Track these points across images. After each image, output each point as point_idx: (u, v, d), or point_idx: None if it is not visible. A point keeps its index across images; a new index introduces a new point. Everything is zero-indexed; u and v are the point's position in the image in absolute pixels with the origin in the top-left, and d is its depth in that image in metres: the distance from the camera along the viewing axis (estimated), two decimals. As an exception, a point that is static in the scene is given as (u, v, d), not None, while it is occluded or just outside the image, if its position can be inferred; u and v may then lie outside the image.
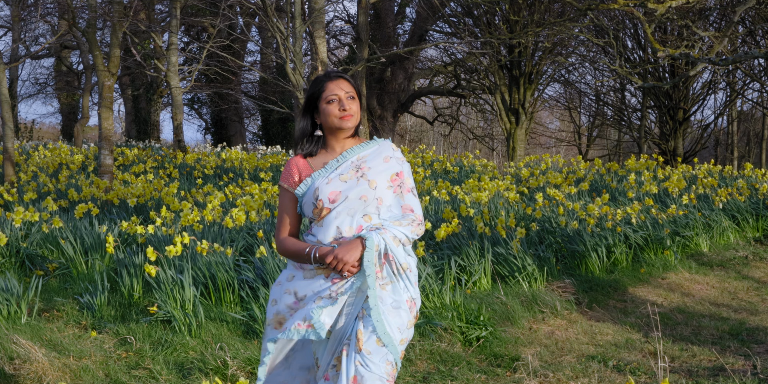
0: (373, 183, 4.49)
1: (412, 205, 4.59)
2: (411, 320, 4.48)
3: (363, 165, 4.55)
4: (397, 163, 4.62)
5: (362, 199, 4.46)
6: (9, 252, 10.46)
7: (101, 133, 16.30)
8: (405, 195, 4.59)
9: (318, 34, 17.33)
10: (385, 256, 4.41)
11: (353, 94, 4.62)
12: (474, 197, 13.00)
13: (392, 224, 4.46)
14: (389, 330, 4.37)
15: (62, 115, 40.95)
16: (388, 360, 4.37)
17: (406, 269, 4.48)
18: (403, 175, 4.61)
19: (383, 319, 4.38)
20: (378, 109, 30.76)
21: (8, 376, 6.69)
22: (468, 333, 8.40)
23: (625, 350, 8.34)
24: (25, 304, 8.16)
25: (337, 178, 4.51)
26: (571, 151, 51.78)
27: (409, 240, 4.50)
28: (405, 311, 4.45)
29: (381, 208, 4.50)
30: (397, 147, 4.76)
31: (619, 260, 11.63)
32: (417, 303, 4.54)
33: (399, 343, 4.40)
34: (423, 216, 4.49)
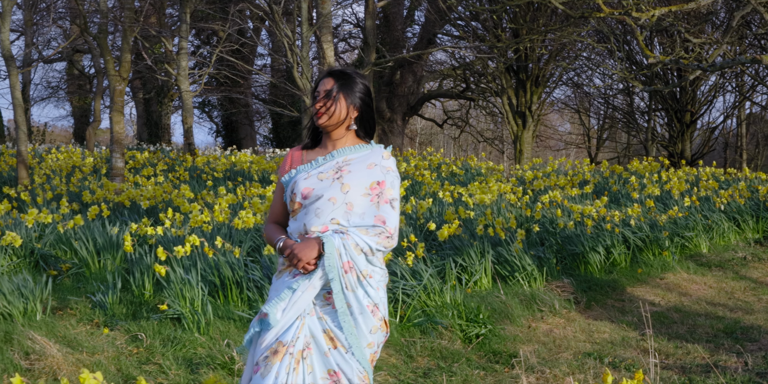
0: (346, 187, 4.42)
1: (386, 217, 4.44)
2: (376, 325, 4.40)
3: (345, 167, 4.49)
4: (380, 172, 4.50)
5: (331, 200, 4.40)
6: (24, 252, 10.75)
7: (113, 137, 16.57)
8: (381, 205, 4.46)
9: (325, 38, 17.57)
10: (345, 264, 4.33)
11: (330, 92, 4.54)
12: (477, 199, 13.21)
13: (357, 232, 4.37)
14: (356, 332, 4.33)
15: (74, 119, 41.11)
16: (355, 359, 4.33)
17: (367, 276, 4.40)
18: (384, 185, 4.49)
19: (350, 321, 4.34)
20: (387, 112, 30.91)
21: (24, 371, 6.95)
22: (468, 330, 8.64)
23: (621, 348, 8.56)
24: (40, 302, 8.43)
25: (316, 176, 4.47)
26: (581, 154, 51.83)
27: (373, 251, 4.39)
28: (368, 316, 4.36)
29: (350, 214, 4.42)
30: (391, 156, 4.64)
31: (618, 261, 11.84)
32: (381, 308, 4.45)
33: (367, 346, 4.37)
34: (397, 230, 4.44)
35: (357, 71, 4.65)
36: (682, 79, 14.69)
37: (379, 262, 4.49)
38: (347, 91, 4.54)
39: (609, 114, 36.43)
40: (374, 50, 23.08)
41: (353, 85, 4.57)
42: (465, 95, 32.53)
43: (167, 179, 17.84)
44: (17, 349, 7.37)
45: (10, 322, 8.05)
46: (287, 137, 37.33)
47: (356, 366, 4.33)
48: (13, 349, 7.37)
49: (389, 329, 4.63)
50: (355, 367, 4.32)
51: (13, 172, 19.65)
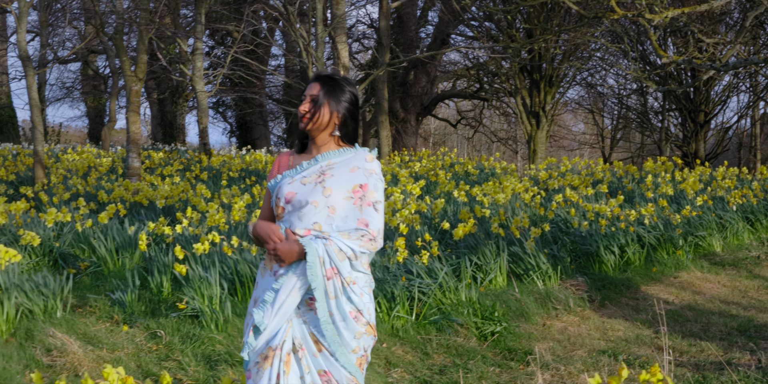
0: (327, 190, 4.43)
1: (369, 220, 4.44)
2: (360, 330, 4.40)
3: (328, 171, 4.50)
4: (363, 175, 4.50)
5: (313, 204, 4.41)
6: (43, 251, 10.87)
7: (129, 137, 16.68)
8: (364, 208, 4.45)
9: (340, 39, 17.66)
10: (328, 270, 4.34)
11: (316, 98, 4.56)
12: (492, 199, 13.28)
13: (339, 236, 4.38)
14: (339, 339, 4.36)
15: (89, 119, 41.26)
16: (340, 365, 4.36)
17: (350, 283, 4.40)
18: (367, 188, 4.48)
19: (332, 329, 4.35)
20: (401, 113, 30.97)
21: (45, 367, 7.06)
22: (483, 328, 8.73)
23: (636, 345, 8.63)
24: (60, 300, 8.53)
25: (299, 181, 4.49)
26: (595, 154, 51.79)
27: (356, 255, 4.39)
28: (351, 322, 4.37)
29: (334, 218, 4.43)
30: (375, 159, 4.65)
31: (632, 260, 11.90)
32: (364, 314, 4.44)
33: (352, 352, 4.38)
34: (381, 232, 4.47)
35: (345, 77, 4.68)
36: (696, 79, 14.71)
37: (362, 268, 4.48)
38: (332, 98, 4.56)
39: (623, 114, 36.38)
40: (388, 51, 23.17)
41: (339, 92, 4.58)
42: (479, 95, 32.55)
43: (184, 179, 17.95)
44: (39, 346, 7.48)
45: (31, 319, 8.16)
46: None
47: (343, 371, 4.36)
48: (35, 346, 7.48)
49: (376, 333, 4.57)
50: (342, 371, 4.36)
51: (30, 172, 19.77)
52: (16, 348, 7.40)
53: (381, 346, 8.24)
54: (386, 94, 25.70)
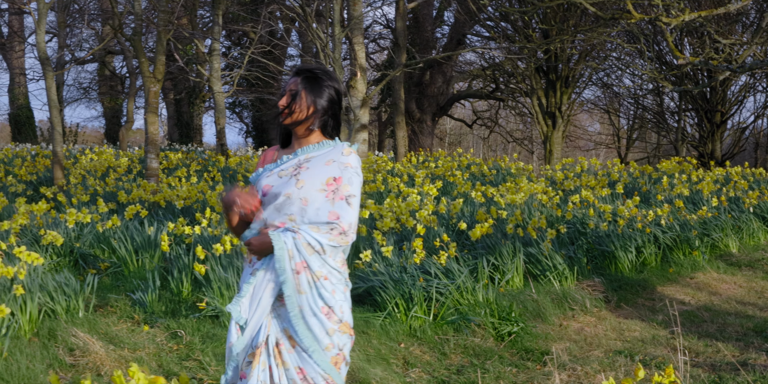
0: (300, 182, 4.44)
1: (340, 213, 4.40)
2: (333, 327, 4.41)
3: (304, 164, 4.52)
4: (338, 168, 4.50)
5: (286, 196, 4.42)
6: (64, 251, 10.98)
7: (148, 138, 16.78)
8: (336, 202, 4.42)
9: (357, 40, 17.71)
10: (298, 264, 4.35)
11: (295, 92, 4.57)
12: (509, 199, 13.34)
13: (308, 229, 4.38)
14: (311, 335, 4.37)
15: (105, 119, 41.41)
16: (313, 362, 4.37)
17: (320, 277, 4.40)
18: (341, 181, 4.47)
19: (302, 323, 4.36)
20: (417, 113, 31.02)
21: (68, 366, 7.15)
22: (500, 328, 8.79)
23: (652, 346, 8.67)
24: (82, 300, 8.63)
25: (277, 174, 4.53)
26: (611, 154, 51.76)
27: (324, 248, 4.38)
28: (322, 319, 4.38)
29: (307, 210, 4.41)
30: (353, 153, 4.62)
31: (648, 260, 11.94)
32: (336, 311, 4.44)
33: (325, 349, 4.38)
34: (353, 226, 4.42)
35: (327, 71, 4.69)
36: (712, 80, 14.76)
37: (335, 264, 4.48)
38: (311, 92, 4.58)
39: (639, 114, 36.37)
40: (405, 51, 23.22)
41: (318, 86, 4.60)
42: (494, 95, 32.58)
43: (201, 179, 18.04)
44: (61, 345, 7.57)
45: (54, 319, 8.26)
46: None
47: (317, 368, 4.37)
48: (58, 345, 7.58)
49: (353, 333, 4.56)
50: (316, 368, 4.37)
51: (49, 173, 19.90)
52: (39, 347, 7.50)
53: (399, 346, 8.32)
54: (403, 95, 25.76)
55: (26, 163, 21.52)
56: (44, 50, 18.19)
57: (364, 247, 10.90)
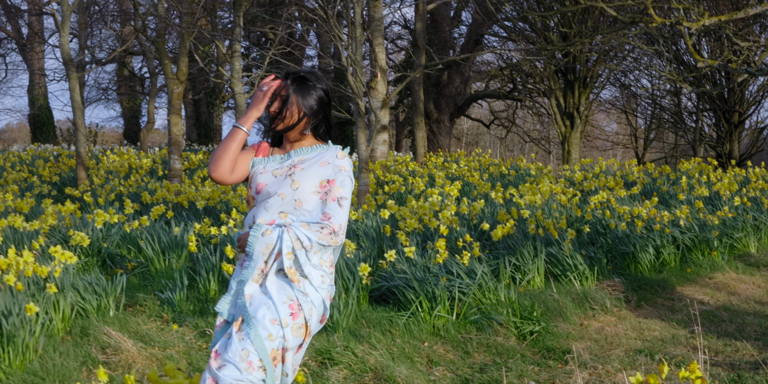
0: (296, 184, 4.49)
1: (332, 214, 4.46)
2: (287, 320, 4.38)
3: (299, 165, 4.56)
4: (332, 170, 4.56)
5: (280, 196, 4.47)
6: (92, 252, 11.17)
7: (171, 139, 16.98)
8: (329, 203, 4.49)
9: (377, 41, 17.86)
10: (276, 254, 4.41)
11: (285, 97, 4.60)
12: (528, 200, 13.46)
13: (299, 226, 4.43)
14: (254, 322, 4.36)
15: (124, 119, 41.60)
16: (245, 349, 4.32)
17: (287, 276, 4.44)
18: (334, 183, 4.53)
19: (249, 310, 4.37)
20: (435, 113, 31.10)
21: (101, 364, 7.32)
22: (522, 328, 8.92)
23: (671, 345, 8.79)
24: (112, 299, 8.81)
25: (271, 172, 4.55)
26: (628, 154, 51.66)
27: (312, 245, 4.41)
28: (284, 309, 4.39)
29: (300, 210, 4.48)
30: (346, 156, 4.69)
31: (668, 261, 12.05)
32: (305, 310, 4.45)
33: (267, 337, 4.34)
34: (343, 227, 4.46)
35: (316, 74, 4.72)
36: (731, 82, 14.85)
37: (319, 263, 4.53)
38: (302, 96, 4.61)
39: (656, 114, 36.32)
40: (424, 52, 23.34)
41: (309, 90, 4.63)
42: (512, 96, 32.64)
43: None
44: (94, 344, 7.75)
45: (85, 318, 8.44)
46: (335, 137, 37.51)
47: (251, 348, 4.31)
48: (90, 344, 7.75)
49: (305, 336, 4.50)
50: (250, 348, 4.31)
51: (72, 173, 20.11)
52: (72, 346, 7.68)
53: (422, 344, 8.46)
54: (422, 96, 25.88)
55: (49, 163, 21.75)
56: (68, 52, 18.40)
57: (388, 247, 11.05)
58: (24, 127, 60.99)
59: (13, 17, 36.95)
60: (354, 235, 11.66)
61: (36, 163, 22.45)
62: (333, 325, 8.57)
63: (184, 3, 17.41)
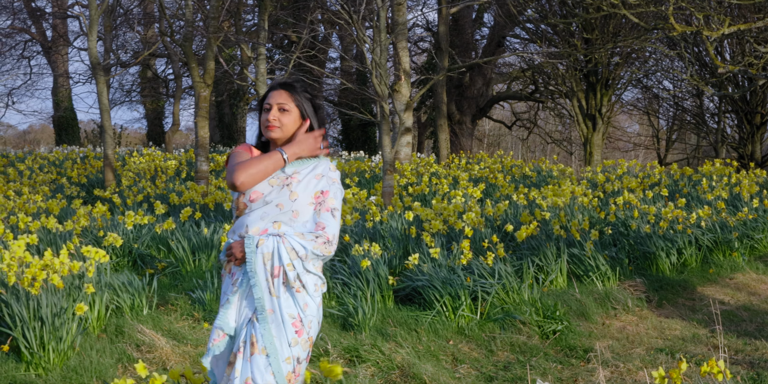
0: (294, 195, 4.52)
1: (326, 224, 4.53)
2: (296, 338, 4.44)
3: (294, 176, 4.57)
4: (326, 183, 4.62)
5: (278, 206, 4.49)
6: (123, 252, 11.42)
7: (197, 141, 17.20)
8: (322, 213, 4.55)
9: (401, 45, 18.06)
10: (276, 268, 4.42)
11: (287, 107, 4.61)
12: (551, 201, 13.61)
13: (294, 236, 4.46)
14: (276, 343, 4.39)
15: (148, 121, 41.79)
16: (270, 371, 4.36)
17: (293, 287, 4.47)
18: (328, 195, 4.60)
19: (271, 329, 4.40)
20: (457, 114, 31.22)
21: (135, 360, 7.54)
22: (545, 327, 9.10)
23: (692, 344, 8.94)
24: (145, 299, 9.04)
25: (266, 181, 4.52)
26: (651, 155, 51.59)
27: (309, 255, 4.45)
28: (288, 327, 4.43)
29: (295, 221, 4.51)
30: (335, 168, 4.74)
31: (689, 261, 12.18)
32: (305, 322, 4.50)
33: (285, 360, 4.40)
34: (336, 237, 4.52)
35: (304, 83, 4.78)
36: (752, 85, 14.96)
37: (315, 269, 4.57)
38: (299, 106, 4.65)
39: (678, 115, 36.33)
40: (447, 55, 23.49)
41: (303, 100, 4.67)
42: (534, 97, 32.73)
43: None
44: (128, 341, 7.99)
45: (120, 316, 8.67)
46: (357, 139, 37.69)
47: (270, 379, 4.36)
48: (125, 341, 7.99)
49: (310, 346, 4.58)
50: (268, 379, 4.36)
51: (100, 175, 20.38)
52: (107, 343, 7.91)
53: (447, 343, 8.66)
54: (444, 98, 26.05)
55: (77, 165, 22.02)
56: (96, 55, 18.65)
57: (413, 248, 11.24)
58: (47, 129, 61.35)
59: (38, 20, 37.24)
60: (379, 236, 11.86)
61: (65, 164, 22.72)
62: (359, 324, 8.78)
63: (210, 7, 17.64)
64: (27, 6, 35.88)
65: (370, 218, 12.55)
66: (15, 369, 7.24)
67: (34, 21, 37.14)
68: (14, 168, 22.04)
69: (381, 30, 15.32)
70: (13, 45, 37.35)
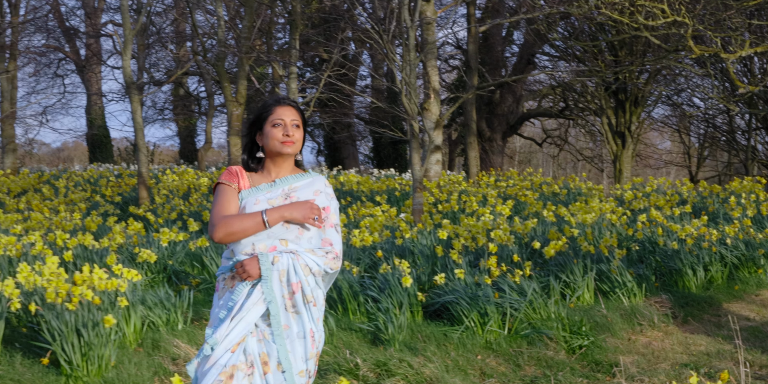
0: None
1: (332, 240, 4.61)
2: (313, 352, 4.51)
3: (293, 194, 4.61)
4: (325, 199, 4.68)
5: (284, 226, 4.50)
6: (158, 269, 11.66)
7: (231, 159, 17.48)
8: (327, 229, 4.61)
9: (430, 63, 18.27)
10: (294, 284, 4.44)
11: (298, 123, 4.68)
12: (580, 218, 13.75)
13: (305, 252, 4.50)
14: (291, 357, 4.42)
15: (180, 139, 42.14)
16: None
17: (310, 301, 4.49)
18: (329, 210, 4.66)
19: (286, 344, 4.42)
20: (487, 132, 31.34)
21: (171, 373, 7.76)
22: (571, 342, 9.26)
23: (717, 359, 9.07)
24: (180, 314, 9.27)
25: (266, 202, 4.56)
26: (682, 172, 51.52)
27: (321, 271, 4.52)
28: (308, 342, 4.47)
29: (301, 238, 4.54)
30: (329, 184, 4.81)
31: (715, 278, 12.28)
32: (316, 337, 4.55)
33: (299, 373, 4.44)
34: (342, 252, 4.63)
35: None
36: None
37: (323, 286, 4.65)
38: (303, 123, 4.73)
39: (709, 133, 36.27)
40: (476, 74, 23.68)
41: (303, 117, 4.75)
42: (564, 114, 32.79)
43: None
44: (164, 355, 8.21)
45: (156, 331, 8.90)
46: (388, 156, 37.81)
47: None
48: (161, 355, 8.22)
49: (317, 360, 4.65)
50: None
51: (134, 192, 20.68)
52: (144, 357, 8.14)
53: (475, 357, 8.82)
54: (474, 116, 26.20)
55: (111, 183, 22.34)
56: (130, 74, 18.97)
57: (442, 265, 11.43)
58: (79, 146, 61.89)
59: (72, 39, 37.70)
60: (409, 253, 12.04)
61: (99, 182, 23.05)
62: (389, 339, 8.97)
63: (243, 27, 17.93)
64: (61, 25, 36.35)
65: (399, 235, 12.74)
66: (55, 381, 7.48)
67: (68, 40, 37.60)
68: (50, 185, 22.39)
69: (410, 49, 15.53)
70: (47, 64, 37.80)
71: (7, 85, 28.64)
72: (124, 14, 19.07)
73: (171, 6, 30.65)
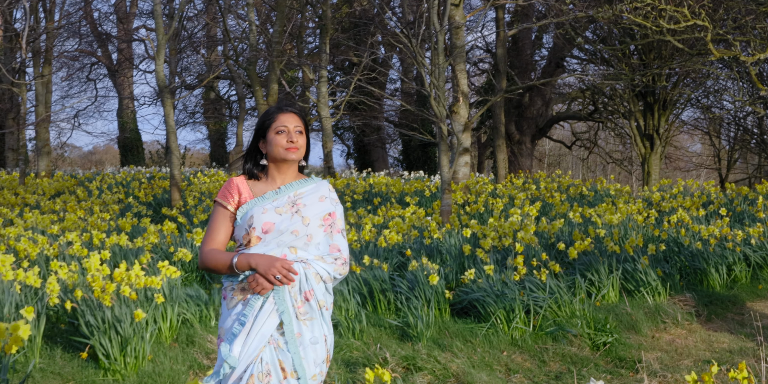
0: (306, 220, 4.53)
1: (340, 246, 4.60)
2: (326, 355, 4.53)
3: (299, 201, 4.59)
4: (330, 204, 4.68)
5: (294, 233, 4.48)
6: (191, 267, 11.92)
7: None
8: (334, 235, 4.61)
9: (459, 67, 18.45)
10: (307, 292, 4.43)
11: (301, 129, 4.66)
12: (606, 219, 13.90)
13: (315, 260, 4.48)
14: (305, 363, 4.41)
15: (210, 142, 42.46)
16: None
17: (323, 306, 4.49)
18: (335, 216, 4.66)
19: (300, 351, 4.40)
20: (516, 135, 31.46)
21: (206, 368, 8.01)
22: (595, 339, 9.43)
23: (739, 356, 9.20)
24: (213, 310, 9.52)
25: (273, 210, 4.52)
26: (712, 175, 51.36)
27: (331, 277, 4.52)
28: (321, 346, 4.47)
29: (309, 245, 4.52)
30: (333, 189, 4.83)
31: (739, 277, 12.41)
32: (329, 340, 4.55)
33: (312, 378, 4.44)
34: (349, 257, 4.76)
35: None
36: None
37: (331, 291, 4.61)
38: (306, 129, 4.71)
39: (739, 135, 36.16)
40: (505, 77, 23.84)
41: (306, 124, 4.73)
42: (593, 117, 32.83)
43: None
44: (198, 350, 8.46)
45: (190, 327, 9.15)
46: (417, 159, 37.96)
47: None
48: (196, 350, 8.47)
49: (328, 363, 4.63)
50: None
51: (166, 194, 20.97)
52: (179, 351, 8.40)
53: (501, 354, 9.02)
54: (503, 119, 26.37)
55: (144, 185, 22.66)
56: (163, 79, 19.25)
57: (469, 264, 11.63)
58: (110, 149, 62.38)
59: (104, 43, 38.06)
60: (437, 253, 12.25)
61: (132, 184, 23.37)
62: (417, 335, 9.20)
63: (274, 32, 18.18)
64: (94, 30, 36.71)
65: (428, 235, 12.95)
66: (94, 375, 7.74)
67: (101, 44, 37.95)
68: (84, 188, 22.72)
69: (439, 53, 15.72)
70: (80, 68, 38.16)
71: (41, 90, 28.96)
72: (157, 19, 19.35)
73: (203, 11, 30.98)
